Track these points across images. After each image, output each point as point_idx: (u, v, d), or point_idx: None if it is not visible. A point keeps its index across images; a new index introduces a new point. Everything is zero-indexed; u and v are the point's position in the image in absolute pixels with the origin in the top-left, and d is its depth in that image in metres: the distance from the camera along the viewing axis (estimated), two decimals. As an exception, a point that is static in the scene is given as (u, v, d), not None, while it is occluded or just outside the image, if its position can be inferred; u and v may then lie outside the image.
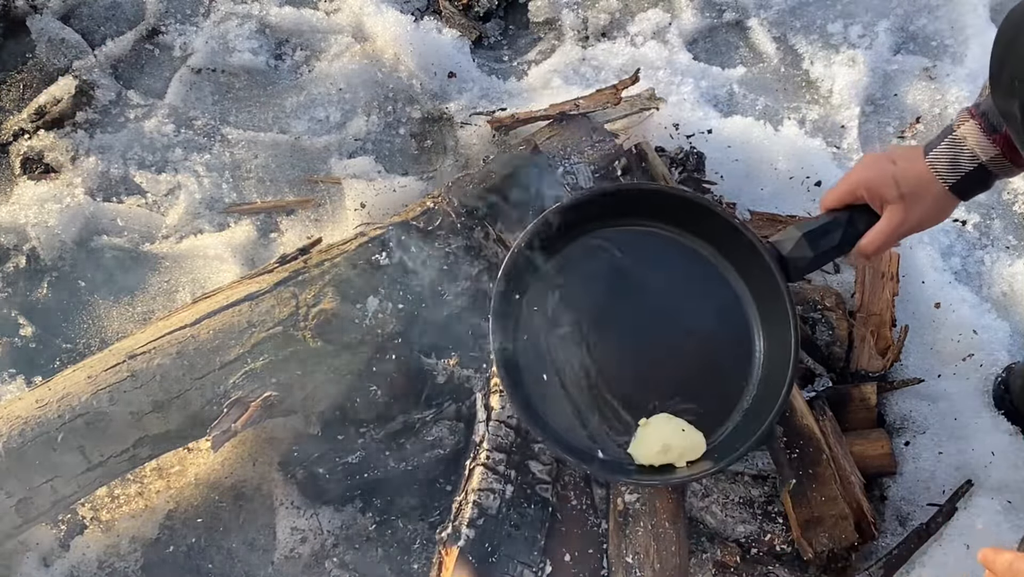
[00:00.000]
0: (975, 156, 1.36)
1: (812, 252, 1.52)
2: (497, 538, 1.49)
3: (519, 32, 2.41)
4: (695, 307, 1.65)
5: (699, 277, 1.67)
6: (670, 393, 1.57)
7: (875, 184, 1.43)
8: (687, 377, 1.60)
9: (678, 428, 1.54)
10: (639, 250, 1.68)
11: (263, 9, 2.30)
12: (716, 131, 2.10)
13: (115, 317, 1.94)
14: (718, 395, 1.60)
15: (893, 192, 1.41)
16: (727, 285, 1.66)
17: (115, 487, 1.71)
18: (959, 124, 1.38)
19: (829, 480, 1.60)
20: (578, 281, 1.65)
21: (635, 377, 1.59)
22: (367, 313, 1.65)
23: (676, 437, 1.53)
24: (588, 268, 1.66)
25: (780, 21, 2.39)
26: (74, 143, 2.11)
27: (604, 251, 1.67)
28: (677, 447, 1.51)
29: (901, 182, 1.41)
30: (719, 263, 1.67)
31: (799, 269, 1.55)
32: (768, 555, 1.61)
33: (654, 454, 1.51)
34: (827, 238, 1.51)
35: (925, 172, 1.40)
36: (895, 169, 1.42)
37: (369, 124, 2.15)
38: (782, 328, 1.57)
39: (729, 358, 1.63)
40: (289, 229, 2.02)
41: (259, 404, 1.55)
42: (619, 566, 1.52)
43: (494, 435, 1.56)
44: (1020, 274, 2.02)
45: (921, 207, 1.41)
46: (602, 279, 1.65)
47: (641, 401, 1.57)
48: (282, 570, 1.64)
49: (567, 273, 1.65)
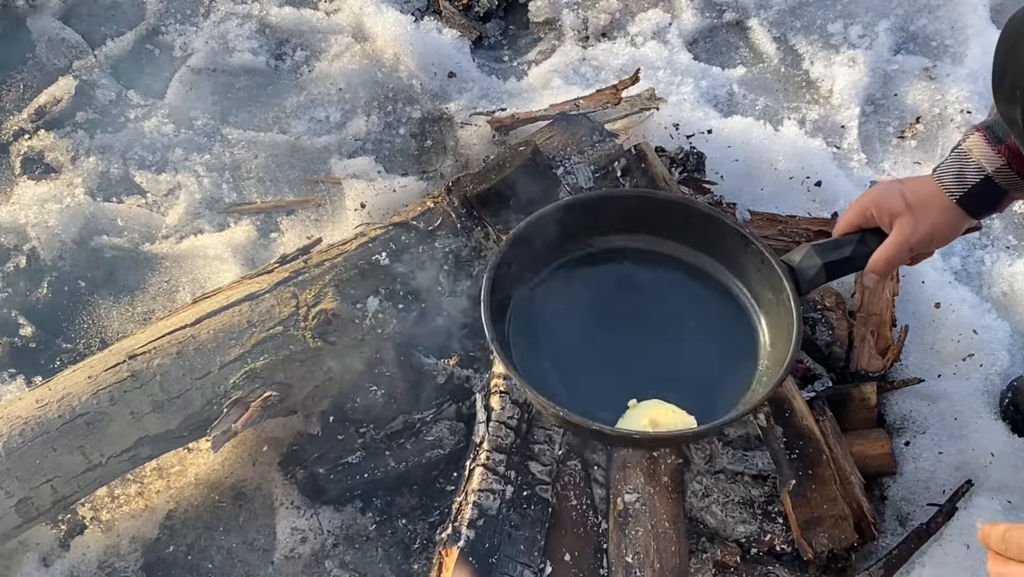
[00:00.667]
0: (981, 168, 1.36)
1: (821, 261, 1.52)
2: (497, 538, 1.49)
3: (519, 32, 2.42)
4: (698, 315, 1.66)
5: (704, 287, 1.69)
6: (666, 387, 1.57)
7: (883, 200, 1.44)
8: (685, 376, 1.60)
9: (668, 409, 1.54)
10: (642, 263, 1.70)
11: (263, 9, 2.31)
12: (716, 131, 2.10)
13: (115, 317, 1.94)
14: (715, 396, 1.59)
15: (900, 204, 1.42)
16: (732, 297, 1.67)
17: (115, 487, 1.71)
18: (965, 138, 1.39)
19: (829, 480, 1.60)
20: (577, 285, 1.67)
21: (630, 370, 1.60)
22: (367, 313, 1.65)
23: (666, 416, 1.52)
24: (588, 278, 1.68)
25: (780, 21, 2.39)
26: (74, 143, 2.11)
27: (604, 262, 1.69)
28: (665, 425, 1.51)
29: (908, 194, 1.42)
30: (724, 274, 1.69)
31: (808, 281, 1.55)
32: (768, 555, 1.61)
33: (640, 427, 1.51)
34: (837, 251, 1.52)
35: (933, 187, 1.41)
36: (903, 186, 1.43)
37: (369, 124, 2.15)
38: (785, 339, 1.56)
39: (730, 363, 1.63)
40: (289, 229, 2.02)
41: (259, 404, 1.55)
42: (619, 566, 1.52)
43: (494, 436, 1.56)
44: (1020, 274, 2.02)
45: (929, 219, 1.41)
46: (603, 287, 1.67)
47: (633, 390, 1.56)
48: (282, 570, 1.64)
49: (566, 281, 1.67)
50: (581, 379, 1.58)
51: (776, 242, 1.85)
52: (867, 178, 2.11)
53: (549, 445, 1.59)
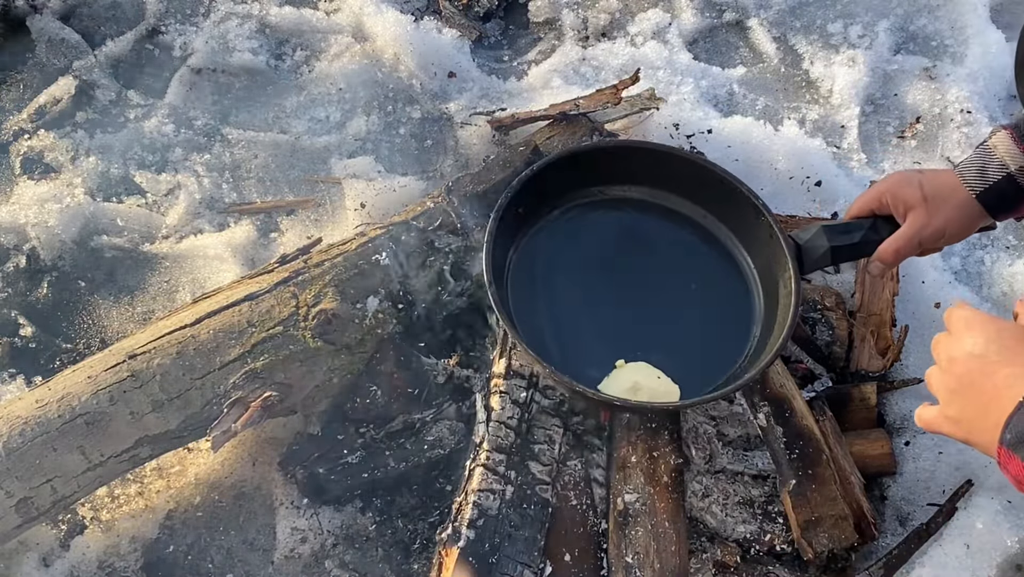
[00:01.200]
0: (1004, 165, 1.36)
1: (829, 243, 1.53)
2: (497, 538, 1.49)
3: (519, 32, 2.42)
4: (699, 278, 1.68)
5: (709, 251, 1.70)
6: (656, 348, 1.59)
7: (899, 189, 1.44)
8: (678, 340, 1.62)
9: (653, 374, 1.55)
10: (651, 216, 1.71)
11: (263, 9, 2.31)
12: (716, 131, 2.10)
13: (115, 317, 1.94)
14: (704, 364, 1.61)
15: (916, 195, 1.41)
16: (735, 265, 1.69)
17: (115, 487, 1.71)
18: (991, 135, 1.39)
19: (829, 480, 1.60)
20: (583, 235, 1.68)
21: (623, 327, 1.62)
22: (367, 313, 1.65)
23: (650, 381, 1.53)
24: (596, 225, 1.69)
25: (780, 21, 2.39)
26: (74, 143, 2.11)
27: (615, 211, 1.71)
28: (648, 389, 1.52)
29: (925, 185, 1.41)
30: (730, 241, 1.70)
31: (813, 261, 1.56)
32: (768, 555, 1.61)
33: (623, 391, 1.52)
34: (847, 235, 1.52)
35: (952, 181, 1.40)
36: (921, 176, 1.43)
37: (369, 124, 2.15)
38: (782, 314, 1.57)
39: (725, 333, 1.65)
40: (289, 229, 2.02)
41: (259, 404, 1.55)
42: (619, 566, 1.52)
43: (494, 436, 1.56)
44: (1020, 274, 2.02)
45: (944, 212, 1.40)
46: (610, 237, 1.69)
47: (624, 348, 1.58)
48: (282, 570, 1.64)
49: (573, 226, 1.68)
50: (574, 332, 1.60)
51: (776, 242, 1.85)
52: (867, 178, 2.12)
53: (549, 445, 1.59)
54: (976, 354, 0.90)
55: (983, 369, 0.89)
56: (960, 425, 0.91)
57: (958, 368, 0.91)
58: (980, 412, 0.88)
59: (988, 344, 0.90)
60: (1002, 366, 0.87)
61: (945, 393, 0.93)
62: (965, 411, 0.90)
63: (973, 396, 0.89)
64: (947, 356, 0.93)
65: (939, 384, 0.94)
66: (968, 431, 0.90)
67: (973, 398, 0.89)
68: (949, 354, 0.93)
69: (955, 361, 0.92)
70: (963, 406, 0.90)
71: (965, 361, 0.91)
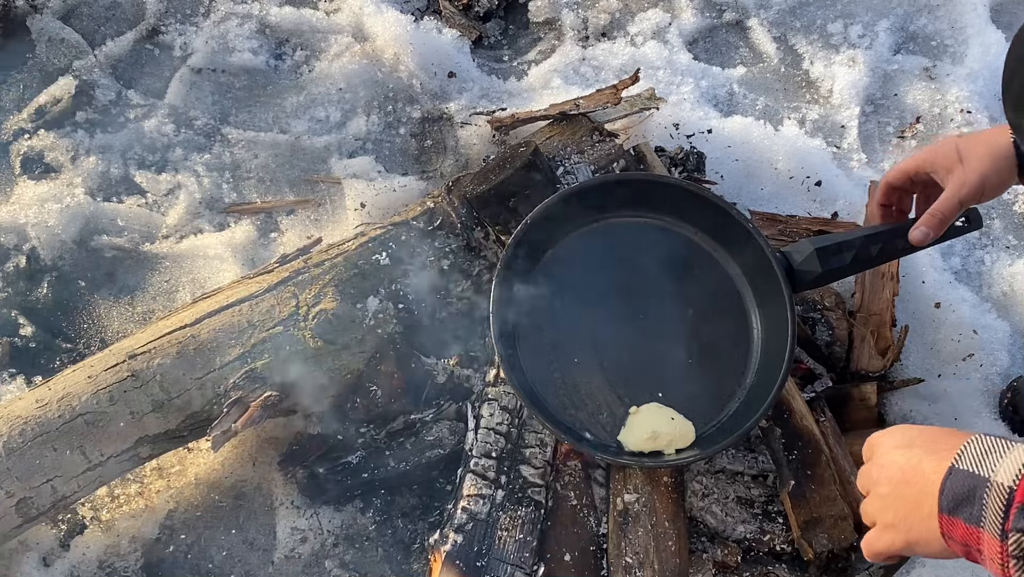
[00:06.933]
0: None
1: (821, 268, 1.56)
2: (487, 542, 1.50)
3: (519, 32, 2.41)
4: (696, 302, 1.69)
5: (703, 275, 1.71)
6: (664, 383, 1.61)
7: (936, 155, 1.44)
8: (682, 369, 1.63)
9: (667, 416, 1.57)
10: (644, 243, 1.71)
11: (263, 9, 2.30)
12: (716, 131, 2.10)
13: (115, 317, 1.94)
14: (712, 389, 1.63)
15: (953, 156, 1.42)
16: (731, 285, 1.70)
17: (115, 487, 1.71)
18: None
19: (828, 480, 1.60)
20: (581, 269, 1.68)
21: (630, 366, 1.62)
22: (367, 313, 1.65)
23: (665, 425, 1.56)
24: (592, 257, 1.69)
25: (780, 21, 2.39)
26: (74, 143, 2.11)
27: (611, 241, 1.70)
28: (666, 435, 1.54)
29: (962, 147, 1.42)
30: (726, 262, 1.71)
31: (805, 283, 1.60)
32: (768, 555, 1.62)
33: (643, 441, 1.54)
34: (838, 257, 1.56)
35: (987, 136, 1.40)
36: (959, 141, 1.43)
37: (369, 124, 2.15)
38: (781, 331, 1.59)
39: (726, 355, 1.66)
40: (289, 229, 2.02)
41: (259, 404, 1.55)
42: (619, 566, 1.52)
43: (483, 442, 1.57)
44: (1020, 274, 2.02)
45: (980, 168, 1.39)
46: (606, 269, 1.69)
47: (634, 390, 1.60)
48: (282, 570, 1.64)
49: (570, 261, 1.68)
50: (586, 378, 1.61)
51: (776, 241, 1.85)
52: (867, 178, 2.11)
53: (541, 449, 1.60)
54: (902, 445, 0.92)
55: (909, 461, 0.90)
56: (898, 529, 0.91)
57: (887, 470, 0.92)
58: (913, 505, 0.88)
59: (912, 437, 0.92)
60: (926, 455, 0.89)
61: (878, 502, 0.93)
62: (899, 510, 0.90)
63: (905, 491, 0.90)
64: (876, 466, 0.94)
65: (872, 498, 0.95)
66: (907, 530, 0.90)
67: (905, 493, 0.90)
68: (878, 463, 0.94)
69: (884, 466, 0.93)
70: (897, 507, 0.91)
71: (892, 458, 0.92)
